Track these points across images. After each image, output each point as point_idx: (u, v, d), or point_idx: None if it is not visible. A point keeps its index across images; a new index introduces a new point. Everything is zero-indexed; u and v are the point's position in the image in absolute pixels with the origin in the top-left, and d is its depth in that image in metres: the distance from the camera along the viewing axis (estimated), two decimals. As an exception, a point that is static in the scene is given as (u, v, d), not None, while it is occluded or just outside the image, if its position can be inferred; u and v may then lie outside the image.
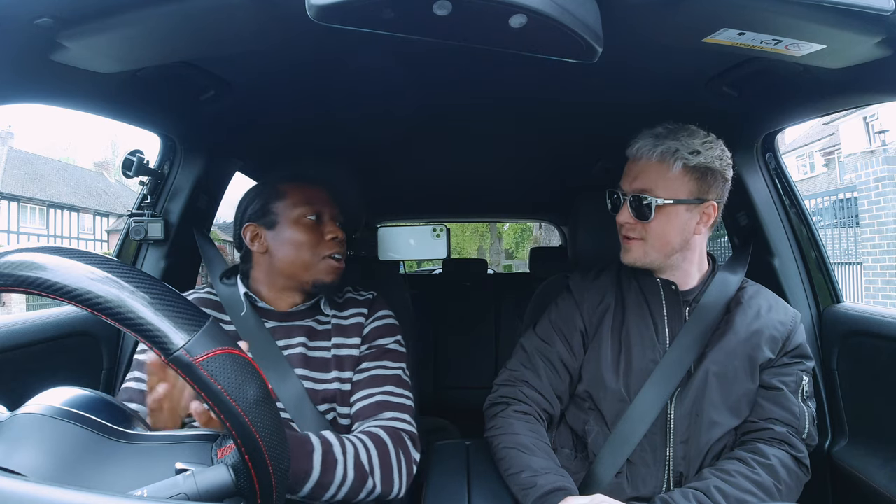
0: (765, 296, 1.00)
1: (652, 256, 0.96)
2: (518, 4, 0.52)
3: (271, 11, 0.67)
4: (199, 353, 0.42)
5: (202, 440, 0.52)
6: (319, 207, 1.00)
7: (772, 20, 0.64)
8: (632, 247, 0.97)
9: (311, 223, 0.98)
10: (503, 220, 12.36)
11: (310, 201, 0.99)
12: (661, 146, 0.92)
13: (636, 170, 0.95)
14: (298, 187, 1.01)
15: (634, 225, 0.96)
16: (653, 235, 0.95)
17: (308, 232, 0.98)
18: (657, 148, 0.92)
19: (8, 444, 0.46)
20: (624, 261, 0.99)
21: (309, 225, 0.98)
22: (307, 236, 0.97)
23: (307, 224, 0.98)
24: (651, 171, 0.93)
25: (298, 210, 0.98)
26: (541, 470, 0.86)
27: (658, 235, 0.94)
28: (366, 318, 1.02)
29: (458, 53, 0.86)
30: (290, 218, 0.98)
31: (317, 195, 1.01)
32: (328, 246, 0.98)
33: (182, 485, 0.45)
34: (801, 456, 0.89)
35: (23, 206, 17.31)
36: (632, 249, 0.97)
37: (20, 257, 0.42)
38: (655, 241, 0.95)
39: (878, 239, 6.17)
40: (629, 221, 0.96)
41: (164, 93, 0.96)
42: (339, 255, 1.00)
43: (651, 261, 0.97)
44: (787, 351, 0.94)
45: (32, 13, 0.62)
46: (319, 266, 0.97)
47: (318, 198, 1.01)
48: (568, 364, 1.00)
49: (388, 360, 0.97)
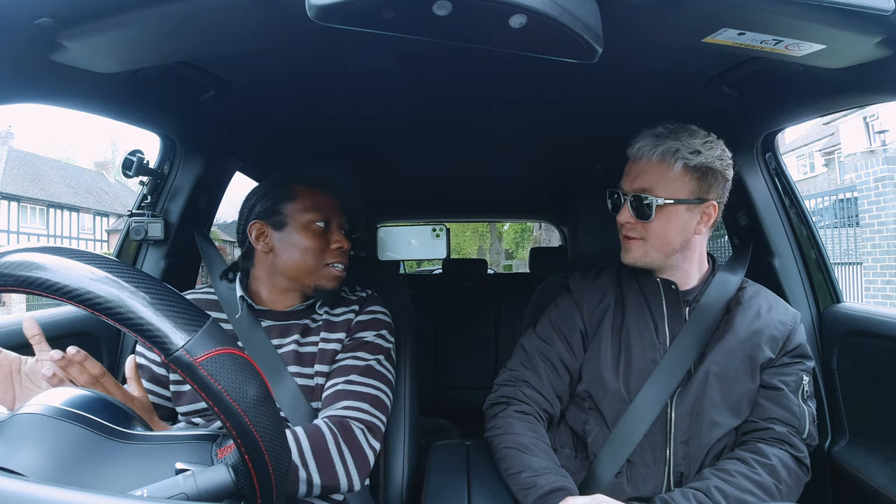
0: (765, 296, 1.00)
1: (652, 256, 0.96)
2: (518, 4, 0.52)
3: (271, 11, 0.67)
4: (199, 353, 0.42)
5: (202, 440, 0.52)
6: (329, 215, 1.00)
7: (772, 20, 0.64)
8: (632, 246, 0.97)
9: (319, 230, 0.99)
10: (503, 220, 12.37)
11: (320, 207, 1.00)
12: (662, 146, 0.92)
13: (637, 169, 0.95)
14: (311, 191, 1.01)
15: (635, 225, 0.95)
16: (653, 235, 0.95)
17: (315, 238, 0.98)
18: (658, 148, 0.92)
19: (8, 444, 0.46)
20: (624, 260, 0.99)
21: (317, 231, 0.98)
22: (314, 242, 0.98)
23: (315, 230, 0.98)
24: (652, 170, 0.93)
25: (309, 215, 0.98)
26: (541, 470, 0.86)
27: (658, 235, 0.94)
28: (355, 315, 1.02)
29: (458, 53, 0.86)
30: (300, 222, 0.98)
31: (327, 202, 1.01)
32: (333, 254, 0.99)
33: (182, 485, 0.45)
34: (801, 456, 0.89)
35: (23, 206, 17.31)
36: (632, 249, 0.97)
37: (20, 257, 0.42)
38: (656, 240, 0.95)
39: (878, 239, 6.17)
40: (630, 221, 0.96)
41: (164, 93, 0.96)
42: (342, 264, 1.00)
43: (651, 260, 0.97)
44: (788, 351, 0.94)
45: (32, 13, 0.62)
46: (322, 272, 0.98)
47: (328, 205, 1.01)
48: (568, 364, 1.00)
49: (363, 351, 0.96)
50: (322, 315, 1.01)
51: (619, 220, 0.98)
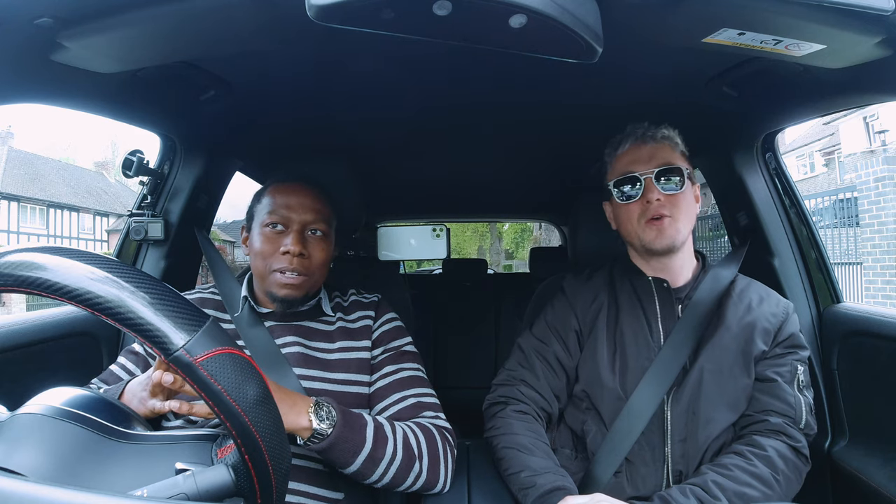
0: (755, 289, 1.00)
1: (683, 234, 0.96)
2: (518, 4, 0.52)
3: (271, 11, 0.67)
4: (198, 353, 0.42)
5: (202, 440, 0.52)
6: (287, 215, 0.93)
7: (772, 20, 0.64)
8: (665, 225, 0.95)
9: (270, 233, 0.93)
10: (503, 220, 12.37)
11: (277, 209, 0.93)
12: (660, 132, 0.98)
13: (649, 150, 0.97)
14: (279, 191, 0.96)
15: (664, 202, 0.95)
16: (680, 210, 0.95)
17: (265, 242, 0.93)
18: (658, 132, 0.98)
19: (8, 444, 0.46)
20: (658, 246, 0.96)
21: (268, 235, 0.93)
22: (263, 246, 0.93)
23: (266, 233, 0.93)
24: (664, 148, 0.97)
25: (264, 216, 0.94)
26: (540, 469, 0.86)
27: (685, 209, 0.96)
28: (373, 321, 1.01)
29: (458, 54, 0.86)
30: (259, 223, 0.95)
31: (290, 203, 0.94)
32: (278, 259, 0.91)
33: (182, 485, 0.45)
34: (799, 446, 0.89)
35: (23, 206, 17.31)
36: (666, 227, 0.95)
37: (20, 257, 0.42)
38: (682, 215, 0.96)
39: (878, 239, 6.17)
40: (660, 198, 0.95)
41: (164, 93, 0.96)
42: (291, 271, 0.91)
43: (683, 239, 0.97)
44: (780, 341, 0.94)
45: (32, 13, 0.62)
46: (270, 279, 0.92)
47: (288, 206, 0.94)
48: (564, 363, 1.01)
49: (408, 361, 0.98)
50: (335, 319, 1.00)
51: (648, 199, 0.95)
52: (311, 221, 0.94)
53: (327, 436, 0.75)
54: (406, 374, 0.96)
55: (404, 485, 0.83)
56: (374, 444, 0.79)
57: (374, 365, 0.97)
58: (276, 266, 0.92)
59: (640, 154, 0.97)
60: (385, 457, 0.80)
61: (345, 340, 0.98)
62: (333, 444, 0.76)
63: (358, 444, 0.78)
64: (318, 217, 0.95)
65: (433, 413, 0.93)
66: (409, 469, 0.82)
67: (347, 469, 0.79)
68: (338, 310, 1.02)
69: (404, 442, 0.83)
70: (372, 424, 0.81)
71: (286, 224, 0.93)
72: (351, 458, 0.77)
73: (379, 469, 0.79)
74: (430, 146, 1.54)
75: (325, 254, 0.96)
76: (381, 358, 0.98)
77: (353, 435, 0.78)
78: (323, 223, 0.96)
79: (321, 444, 0.76)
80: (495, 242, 20.49)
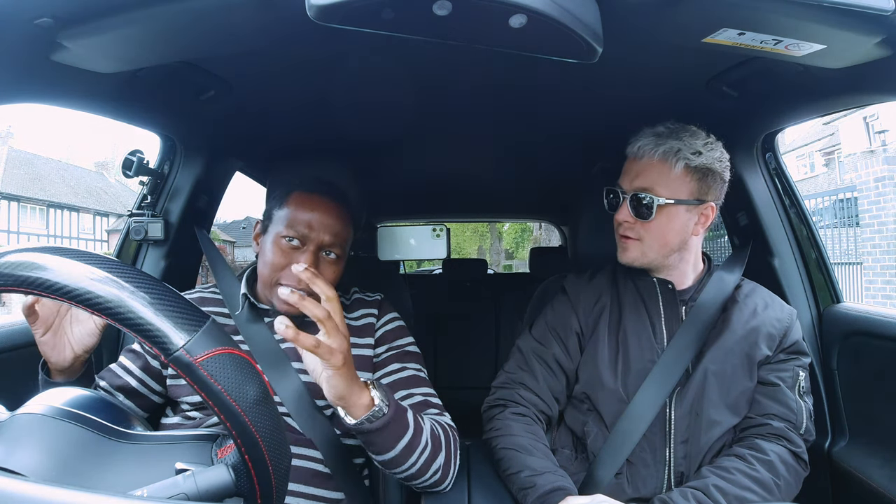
0: (761, 294, 1.00)
1: (650, 256, 0.96)
2: (518, 4, 0.52)
3: (271, 11, 0.67)
4: (198, 353, 0.42)
5: (202, 440, 0.52)
6: (306, 233, 0.91)
7: (772, 20, 0.64)
8: (629, 246, 0.97)
9: (286, 246, 0.91)
10: (503, 220, 12.37)
11: (296, 224, 0.91)
12: (664, 145, 0.92)
13: (637, 168, 0.95)
14: (302, 202, 0.93)
15: (633, 224, 0.95)
16: (652, 235, 0.94)
17: (280, 254, 0.91)
18: (660, 147, 0.92)
19: (8, 444, 0.46)
20: (621, 260, 0.99)
21: (283, 247, 0.91)
22: (276, 258, 0.91)
23: (282, 245, 0.91)
24: (653, 170, 0.93)
25: (282, 227, 0.92)
26: (540, 470, 0.86)
27: (657, 236, 0.94)
28: (377, 319, 1.01)
29: (458, 53, 0.86)
30: (275, 231, 0.93)
31: (314, 220, 0.91)
32: (287, 275, 0.89)
33: (182, 485, 0.45)
34: (799, 451, 0.89)
35: (23, 206, 17.32)
36: (629, 248, 0.97)
37: (20, 257, 0.42)
38: (654, 241, 0.95)
39: (878, 239, 6.17)
40: (628, 220, 0.95)
41: (164, 93, 0.96)
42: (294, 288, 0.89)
43: (649, 261, 0.97)
44: (784, 347, 0.94)
45: (32, 13, 0.62)
46: (274, 290, 0.91)
47: (311, 222, 0.91)
48: (564, 365, 1.00)
49: (412, 361, 0.97)
50: None
51: (617, 219, 0.97)
52: (328, 244, 0.92)
53: (384, 415, 0.72)
54: (410, 373, 0.95)
55: (423, 477, 0.81)
56: (414, 430, 0.77)
57: (377, 363, 0.97)
58: (283, 280, 0.90)
59: (630, 168, 0.97)
60: (419, 445, 0.78)
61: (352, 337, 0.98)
62: (387, 424, 0.73)
63: (403, 428, 0.76)
64: (335, 240, 0.93)
65: (438, 412, 0.92)
66: (433, 461, 0.80)
67: (384, 455, 0.76)
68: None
69: (432, 433, 0.82)
70: (411, 411, 0.79)
71: (303, 241, 0.91)
72: (394, 442, 0.75)
73: (412, 458, 0.77)
74: (430, 145, 1.54)
75: (335, 276, 0.94)
76: (384, 356, 0.97)
77: (401, 417, 0.76)
78: (339, 247, 0.94)
79: (375, 424, 0.72)
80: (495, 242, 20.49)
